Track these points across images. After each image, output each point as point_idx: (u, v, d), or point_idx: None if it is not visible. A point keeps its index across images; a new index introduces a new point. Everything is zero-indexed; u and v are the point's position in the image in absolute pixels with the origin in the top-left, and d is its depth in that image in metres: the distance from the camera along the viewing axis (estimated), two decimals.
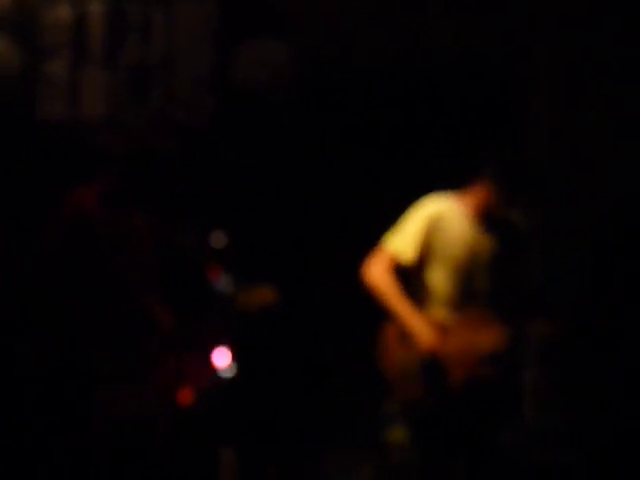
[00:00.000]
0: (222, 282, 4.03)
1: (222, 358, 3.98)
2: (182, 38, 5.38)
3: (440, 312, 4.14)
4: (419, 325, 4.05)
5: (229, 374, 4.03)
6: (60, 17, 5.42)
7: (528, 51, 5.10)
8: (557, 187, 4.75)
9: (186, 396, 3.80)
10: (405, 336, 4.10)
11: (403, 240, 4.09)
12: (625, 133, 4.98)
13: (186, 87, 5.34)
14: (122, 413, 3.74)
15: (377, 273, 4.10)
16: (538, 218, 4.15)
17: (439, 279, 4.12)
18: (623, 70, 4.95)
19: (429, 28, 5.11)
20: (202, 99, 5.35)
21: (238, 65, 5.31)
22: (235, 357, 3.99)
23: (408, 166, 5.28)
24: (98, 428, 3.69)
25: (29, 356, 3.80)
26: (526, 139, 5.08)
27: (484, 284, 4.21)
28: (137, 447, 3.71)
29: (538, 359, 4.73)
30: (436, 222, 4.11)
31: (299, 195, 5.31)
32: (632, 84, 4.93)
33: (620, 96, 4.97)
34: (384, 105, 5.34)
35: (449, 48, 5.15)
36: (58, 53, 5.42)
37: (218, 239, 4.19)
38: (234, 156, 5.27)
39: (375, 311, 4.16)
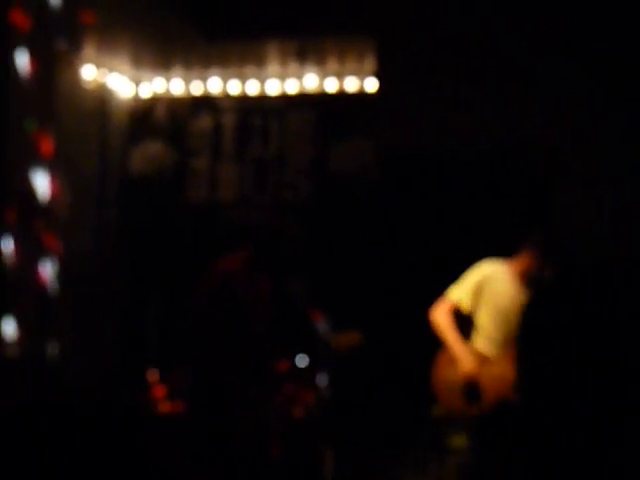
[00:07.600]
0: (323, 325, 4.12)
1: (323, 381, 4.12)
2: (291, 139, 5.94)
3: (484, 346, 4.54)
4: (464, 354, 4.44)
5: (328, 394, 4.14)
6: (202, 126, 6.10)
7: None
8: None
9: (299, 411, 4.15)
10: (453, 361, 4.51)
11: (462, 291, 4.58)
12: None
13: (293, 175, 5.87)
14: (253, 426, 4.01)
15: (439, 314, 4.58)
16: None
17: (486, 321, 4.54)
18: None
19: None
20: (305, 185, 5.85)
21: (332, 159, 5.83)
22: (331, 381, 4.10)
23: (470, 237, 5.67)
24: (235, 437, 4.00)
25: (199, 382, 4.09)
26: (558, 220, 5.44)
27: (515, 328, 4.61)
28: (262, 450, 3.97)
29: None
30: (487, 279, 4.56)
31: (380, 259, 5.69)
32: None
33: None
34: (449, 189, 5.75)
35: (501, 142, 5.59)
36: (201, 152, 6.09)
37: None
38: (329, 228, 5.72)
39: (435, 342, 4.52)
